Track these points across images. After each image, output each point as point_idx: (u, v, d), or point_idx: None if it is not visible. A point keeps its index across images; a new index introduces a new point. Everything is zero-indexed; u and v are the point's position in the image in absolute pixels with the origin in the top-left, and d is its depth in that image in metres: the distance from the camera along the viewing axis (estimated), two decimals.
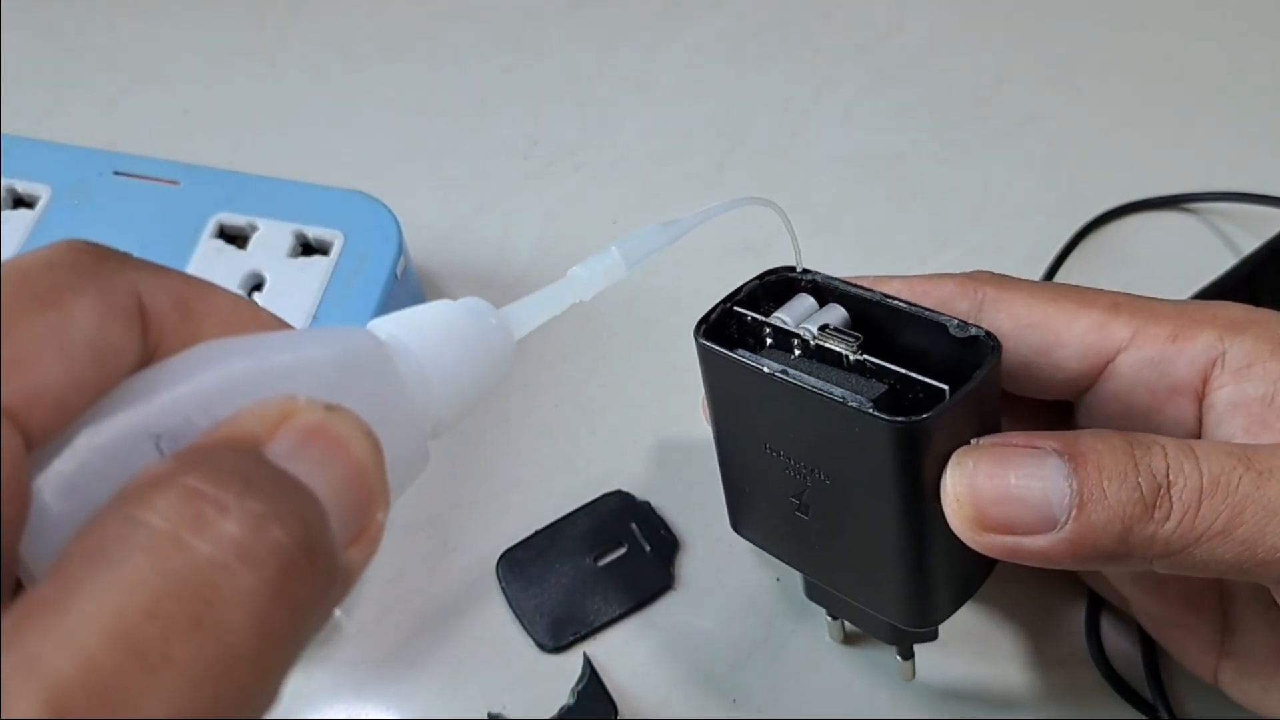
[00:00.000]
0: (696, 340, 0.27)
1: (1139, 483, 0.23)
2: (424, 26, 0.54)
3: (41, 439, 0.16)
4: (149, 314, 0.18)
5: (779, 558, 0.30)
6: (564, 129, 0.49)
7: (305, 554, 0.15)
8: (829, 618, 0.33)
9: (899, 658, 0.31)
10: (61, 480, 0.16)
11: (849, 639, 0.34)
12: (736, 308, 0.28)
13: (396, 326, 0.20)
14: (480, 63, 0.52)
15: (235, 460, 0.16)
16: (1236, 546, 0.23)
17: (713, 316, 0.27)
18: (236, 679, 0.14)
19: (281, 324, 0.20)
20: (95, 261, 0.17)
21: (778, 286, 0.28)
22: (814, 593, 0.32)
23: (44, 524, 0.15)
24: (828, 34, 0.52)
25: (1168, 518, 0.23)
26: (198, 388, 0.17)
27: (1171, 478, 0.23)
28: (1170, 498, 0.23)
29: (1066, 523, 0.23)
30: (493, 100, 0.50)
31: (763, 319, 0.27)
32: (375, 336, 0.19)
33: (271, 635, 0.15)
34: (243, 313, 0.19)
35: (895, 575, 0.26)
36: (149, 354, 0.18)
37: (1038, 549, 0.24)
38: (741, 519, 0.31)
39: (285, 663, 0.15)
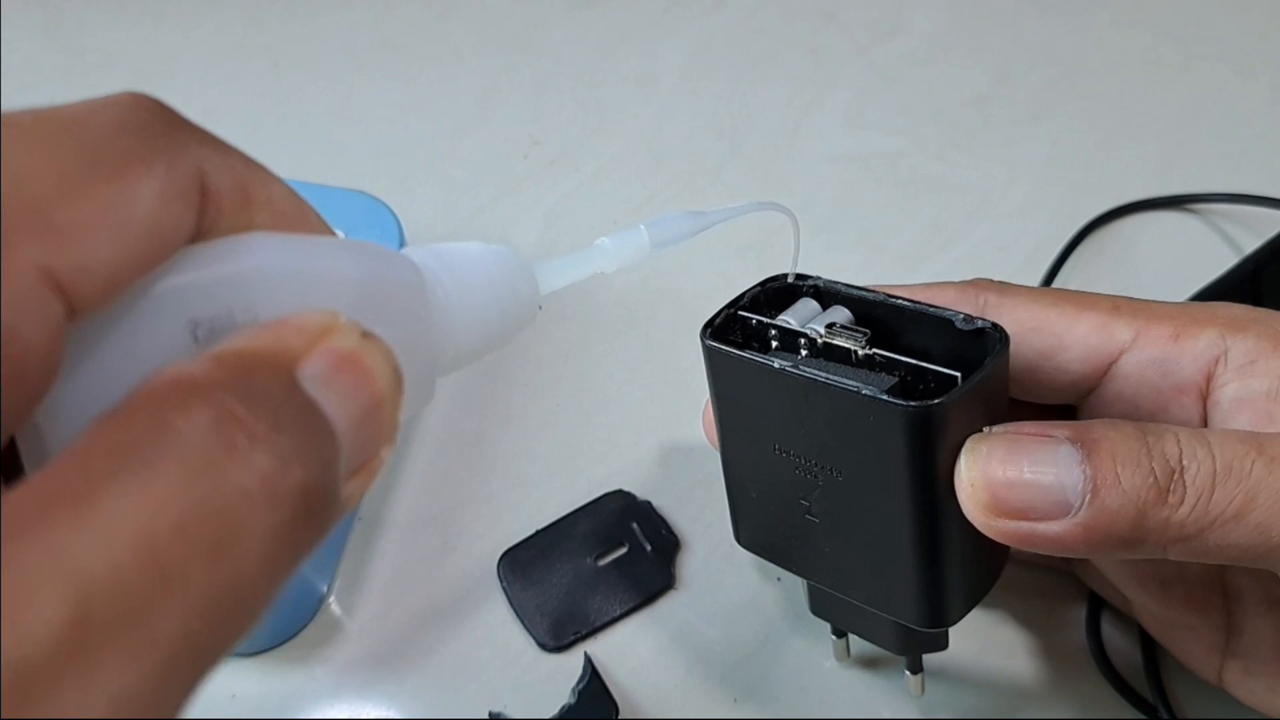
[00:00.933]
0: (703, 343, 0.27)
1: (1153, 468, 0.23)
2: (425, 26, 0.54)
3: (82, 311, 0.15)
4: (209, 194, 0.17)
5: (786, 568, 0.30)
6: (565, 129, 0.49)
7: (320, 496, 0.15)
8: (834, 636, 0.33)
9: (908, 672, 0.31)
10: (93, 352, 0.15)
11: (858, 661, 0.34)
12: (741, 312, 0.28)
13: (432, 258, 0.20)
14: (481, 62, 0.52)
15: (271, 386, 0.16)
16: (1250, 531, 0.23)
17: (718, 320, 0.27)
18: (240, 609, 0.14)
19: (326, 227, 0.20)
20: (166, 129, 0.17)
21: (780, 292, 0.28)
22: (819, 607, 0.31)
23: (68, 394, 0.15)
24: (828, 34, 0.52)
25: (1181, 502, 0.23)
26: (244, 279, 0.17)
27: (1185, 463, 0.23)
28: (1184, 483, 0.23)
29: (1080, 508, 0.23)
30: (494, 100, 0.50)
31: (768, 321, 0.27)
32: (416, 265, 0.19)
33: (275, 571, 0.15)
34: (296, 208, 0.19)
35: (909, 572, 0.26)
36: (201, 233, 0.17)
37: (1052, 535, 0.24)
38: (747, 530, 0.30)
39: (276, 595, 0.15)
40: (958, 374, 0.25)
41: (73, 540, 0.13)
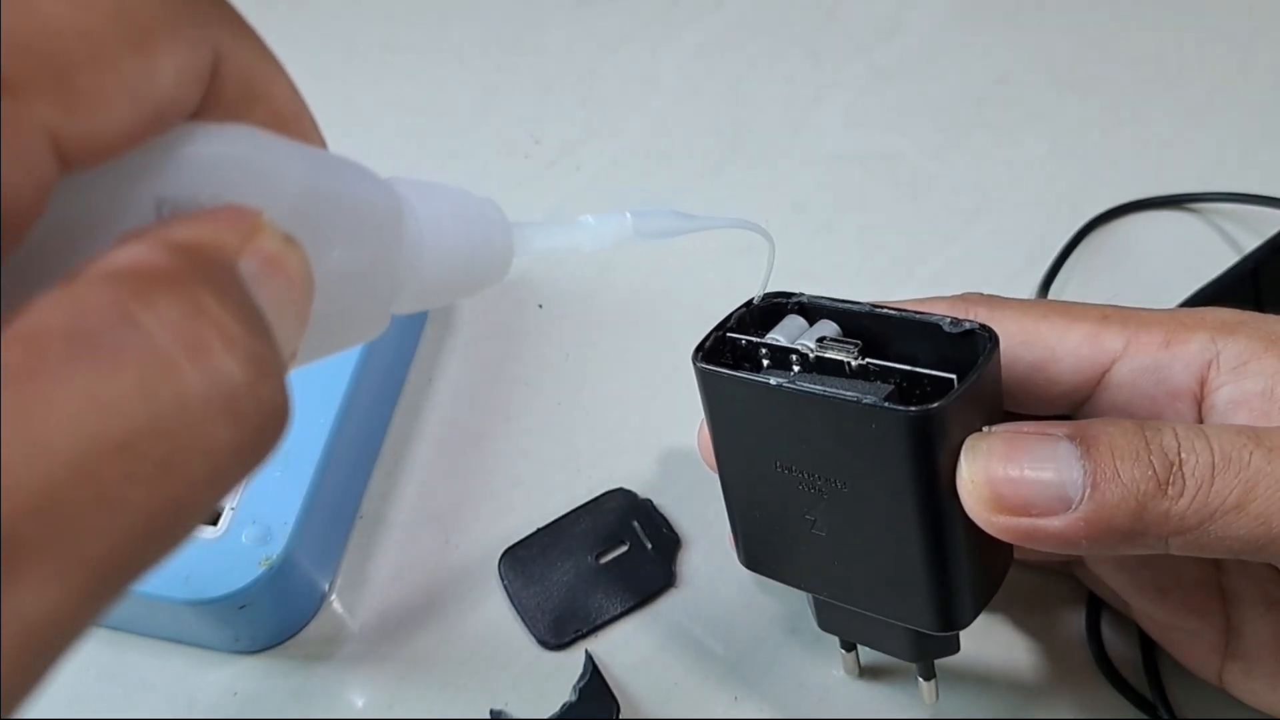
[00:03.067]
0: (696, 366, 0.27)
1: (1151, 461, 0.23)
2: (426, 25, 0.54)
3: (67, 172, 0.14)
4: (216, 77, 0.16)
5: (796, 585, 0.30)
6: (566, 128, 0.49)
7: (280, 418, 0.14)
8: (843, 650, 0.33)
9: (920, 679, 0.31)
10: (55, 210, 0.14)
11: (864, 673, 0.34)
12: (729, 334, 0.28)
13: (415, 191, 0.20)
14: (482, 62, 0.52)
15: (233, 282, 0.14)
16: (1251, 521, 0.23)
17: (708, 343, 0.27)
18: (175, 532, 0.13)
19: (320, 139, 0.19)
20: (191, 2, 0.16)
21: (765, 311, 0.28)
22: (828, 622, 0.31)
23: (22, 248, 0.14)
24: (829, 34, 0.52)
25: (1181, 494, 0.23)
26: (220, 167, 0.16)
27: (1183, 456, 0.23)
28: (1183, 475, 0.23)
29: (1081, 502, 0.23)
30: (494, 99, 0.50)
31: (758, 340, 0.27)
32: (396, 195, 0.19)
33: (218, 494, 0.14)
34: (294, 113, 0.18)
35: (920, 577, 0.26)
36: (194, 113, 0.16)
37: (1054, 530, 0.24)
38: (751, 550, 0.30)
39: (206, 514, 0.14)
40: (953, 376, 0.25)
41: (9, 444, 0.12)
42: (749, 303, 0.28)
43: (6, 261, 0.14)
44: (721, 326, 0.28)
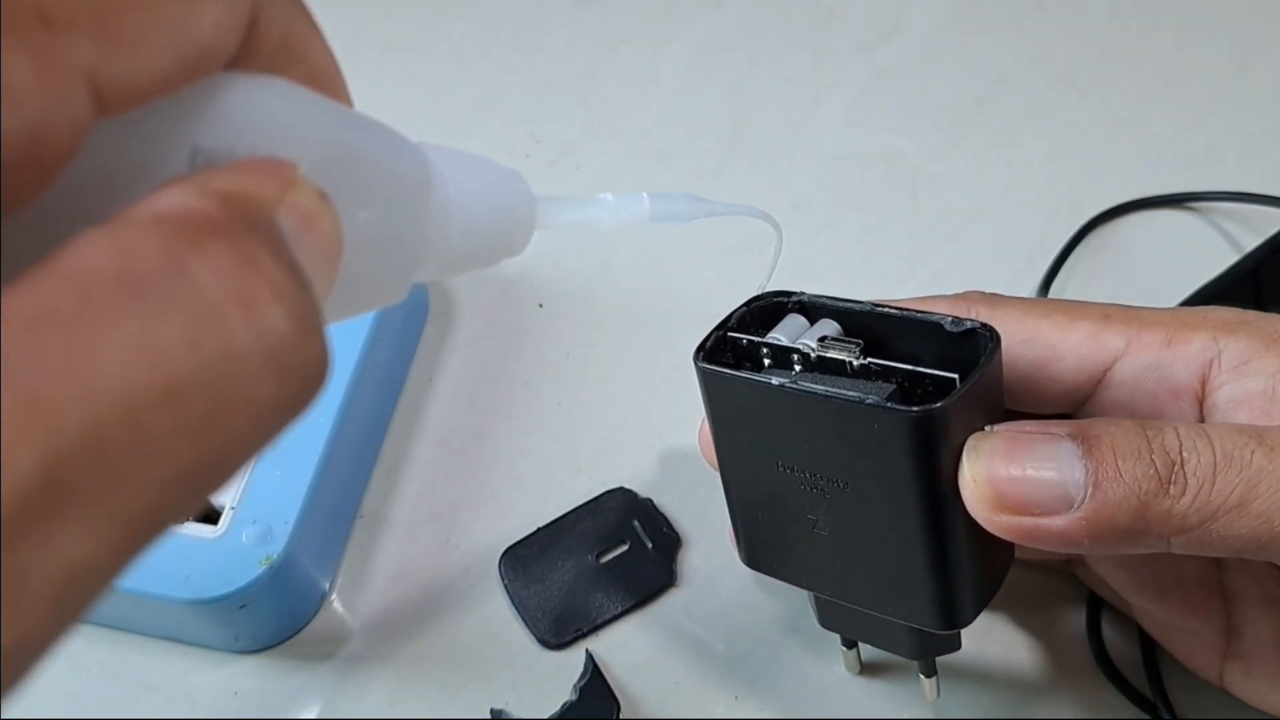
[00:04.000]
0: (697, 366, 0.27)
1: (1153, 460, 0.23)
2: (425, 25, 0.54)
3: (103, 115, 0.14)
4: (254, 29, 0.16)
5: (797, 584, 0.30)
6: (565, 128, 0.49)
7: (318, 374, 0.14)
8: (844, 648, 0.33)
9: (921, 676, 0.31)
10: (89, 154, 0.14)
11: (865, 670, 0.34)
12: (730, 333, 0.28)
13: (445, 158, 0.19)
14: (482, 61, 0.52)
15: (280, 234, 0.14)
16: (1252, 520, 0.23)
17: (709, 343, 0.27)
18: (213, 483, 0.13)
19: (350, 103, 0.19)
20: None
21: (766, 310, 0.28)
22: (829, 620, 0.31)
23: (53, 191, 0.14)
24: (829, 33, 0.52)
25: (1183, 493, 0.23)
26: (258, 120, 0.16)
27: (1185, 455, 0.23)
28: (1185, 473, 0.23)
29: (1083, 502, 0.23)
30: (494, 99, 0.50)
31: (759, 340, 0.27)
32: (428, 161, 0.19)
33: (257, 449, 0.14)
34: (328, 74, 0.18)
35: (922, 576, 0.26)
36: (229, 65, 0.16)
37: (1055, 529, 0.24)
38: (753, 549, 0.30)
39: (244, 467, 0.14)
40: (955, 376, 0.25)
41: (58, 387, 0.12)
42: (750, 301, 0.28)
43: (41, 202, 0.14)
44: (723, 326, 0.28)
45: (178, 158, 0.15)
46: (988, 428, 0.25)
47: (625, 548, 0.36)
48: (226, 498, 0.33)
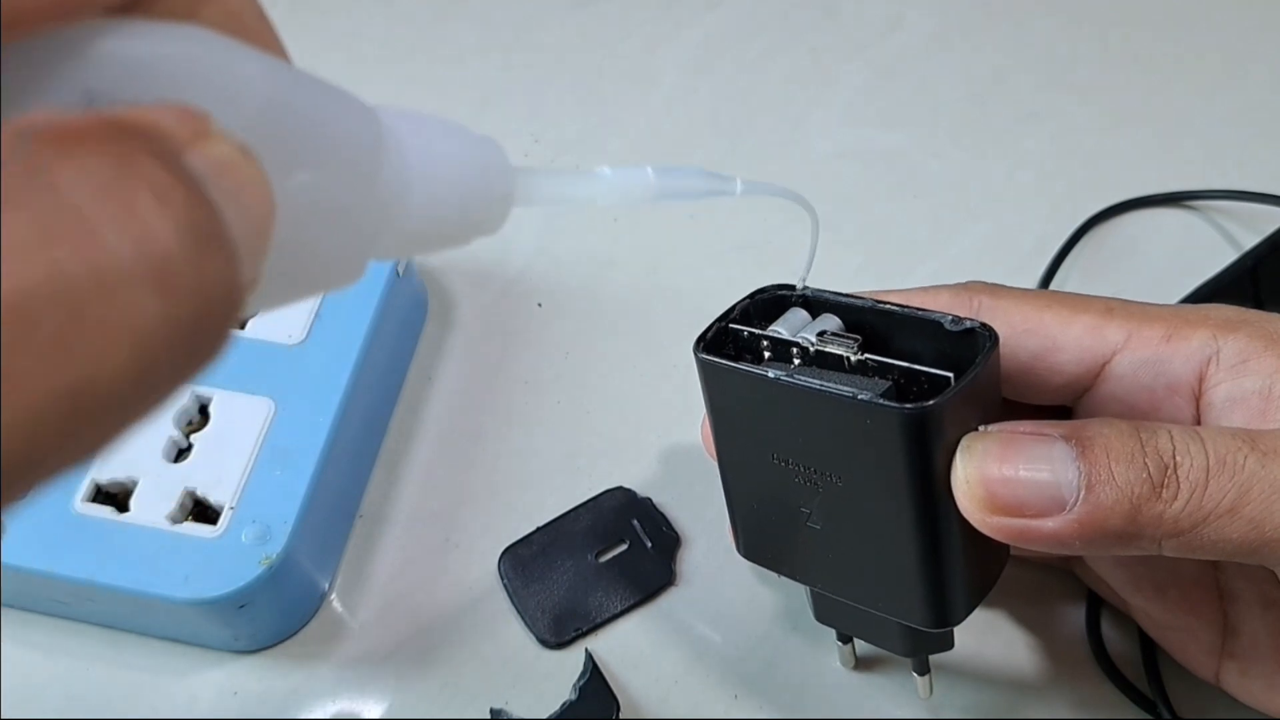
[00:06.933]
0: (697, 356, 0.27)
1: (1146, 463, 0.23)
2: (425, 24, 0.54)
3: None
4: None
5: (789, 576, 0.30)
6: (565, 127, 0.49)
7: (223, 299, 0.12)
8: (839, 643, 0.33)
9: (915, 674, 0.31)
10: None
11: (861, 664, 0.34)
12: (732, 325, 0.28)
13: (405, 122, 0.17)
14: (481, 60, 0.52)
15: (179, 155, 0.12)
16: (1244, 525, 0.23)
17: (710, 334, 0.28)
18: (92, 421, 0.11)
19: (282, 53, 0.17)
20: None
21: (768, 304, 0.28)
22: (825, 614, 0.32)
23: None
24: (828, 32, 0.52)
25: (1175, 497, 0.23)
26: (167, 72, 0.14)
27: (1178, 459, 0.23)
28: (1177, 477, 0.23)
29: (1075, 504, 0.23)
30: (494, 97, 0.50)
31: (760, 332, 0.27)
32: (379, 122, 0.17)
33: (149, 379, 0.12)
34: (251, 17, 0.16)
35: (913, 573, 0.26)
36: (134, 6, 0.14)
37: (1048, 531, 0.24)
38: (748, 540, 0.30)
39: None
40: (950, 374, 0.25)
41: None
42: (754, 294, 0.28)
43: None
44: (725, 318, 0.28)
45: (71, 101, 0.13)
46: (982, 427, 0.25)
47: (625, 547, 0.36)
48: (226, 498, 0.33)
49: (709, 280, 0.43)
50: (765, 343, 0.28)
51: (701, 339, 0.28)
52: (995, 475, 0.24)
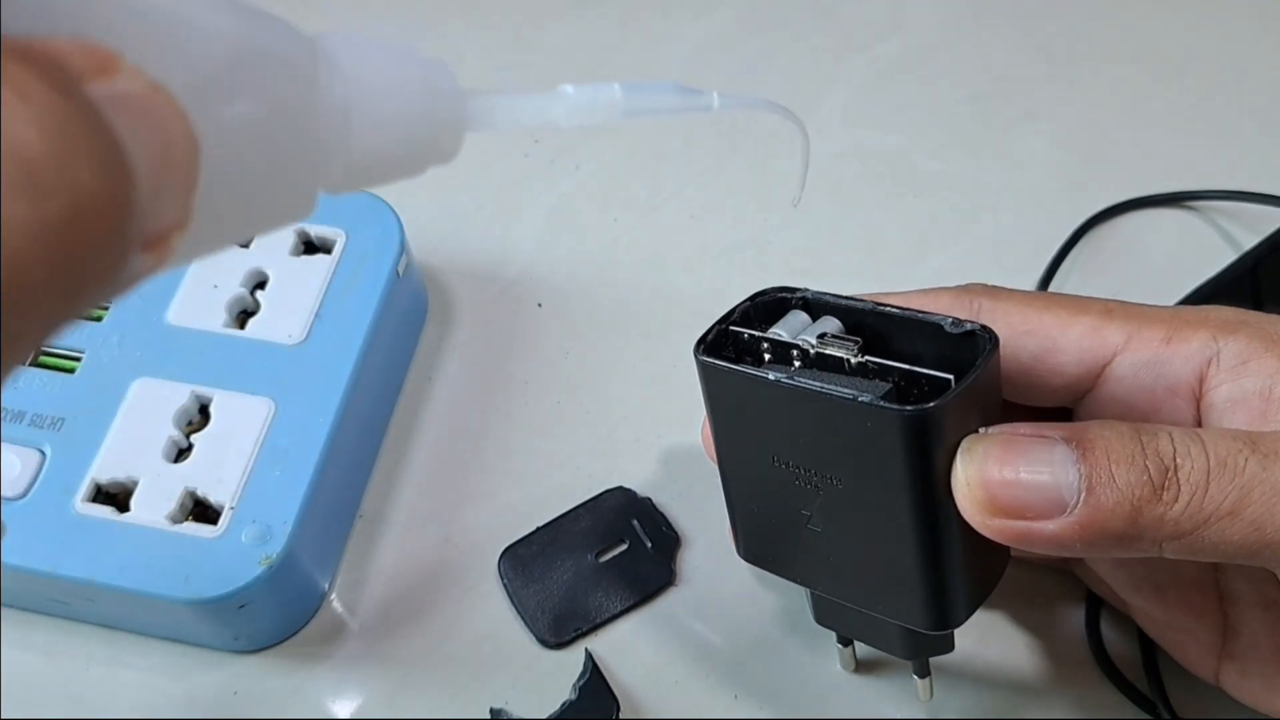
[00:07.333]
0: (697, 358, 0.27)
1: (1146, 465, 0.23)
2: (425, 26, 0.54)
3: None
4: None
5: (789, 578, 0.30)
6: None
7: (105, 214, 0.12)
8: (840, 645, 0.33)
9: (915, 676, 0.31)
10: None
11: (861, 666, 0.34)
12: (732, 328, 0.28)
13: (340, 45, 0.17)
14: (481, 60, 0.52)
15: (63, 68, 0.12)
16: (1245, 527, 0.23)
17: (710, 336, 0.28)
18: None
19: None
20: None
21: (769, 306, 0.28)
22: (825, 616, 0.32)
23: None
24: (828, 32, 0.52)
25: (1176, 499, 0.23)
26: (71, 4, 0.13)
27: (1179, 461, 0.23)
28: (1178, 480, 0.23)
29: (1076, 506, 0.23)
30: None
31: (760, 334, 0.28)
32: (313, 50, 0.16)
33: (23, 293, 0.11)
34: None
35: (913, 576, 0.26)
36: None
37: (1049, 533, 0.24)
38: (748, 543, 0.30)
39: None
40: (950, 376, 0.25)
41: None
42: (754, 296, 0.29)
43: None
44: (725, 320, 0.28)
45: None
46: (983, 429, 0.25)
47: (624, 547, 0.36)
48: (226, 498, 0.33)
49: (709, 280, 0.43)
50: (765, 345, 0.28)
51: (702, 341, 0.28)
52: (996, 477, 0.24)
